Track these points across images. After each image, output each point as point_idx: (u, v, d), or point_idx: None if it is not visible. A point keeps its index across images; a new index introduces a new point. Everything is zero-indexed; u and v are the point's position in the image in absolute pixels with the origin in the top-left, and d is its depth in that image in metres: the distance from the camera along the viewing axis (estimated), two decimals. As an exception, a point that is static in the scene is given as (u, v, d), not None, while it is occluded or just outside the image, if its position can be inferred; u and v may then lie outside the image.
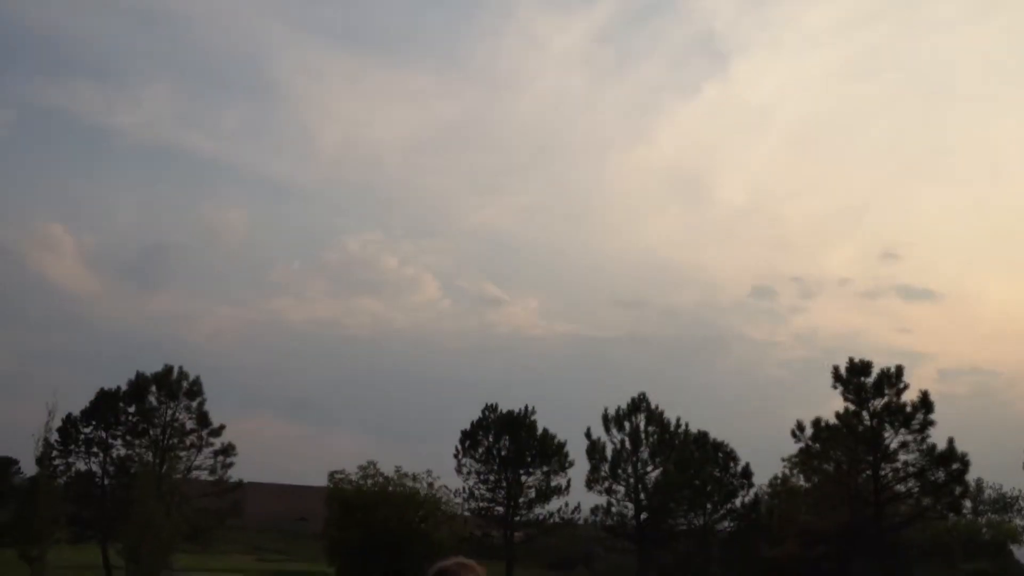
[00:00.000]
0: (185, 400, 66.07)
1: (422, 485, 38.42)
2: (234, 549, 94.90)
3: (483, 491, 53.98)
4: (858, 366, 47.86)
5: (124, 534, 51.01)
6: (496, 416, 55.21)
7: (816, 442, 49.05)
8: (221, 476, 66.32)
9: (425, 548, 35.81)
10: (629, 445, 50.10)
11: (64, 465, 65.78)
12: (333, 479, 38.80)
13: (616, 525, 50.55)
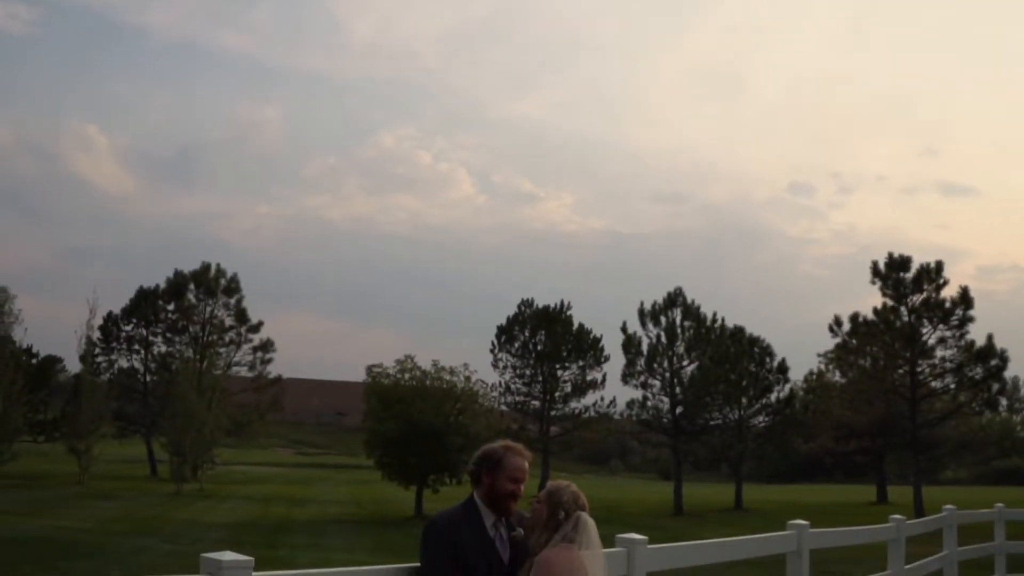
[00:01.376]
0: (223, 297, 66.74)
1: (459, 379, 38.59)
2: (274, 443, 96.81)
3: (519, 385, 54.34)
4: (897, 261, 47.29)
5: (167, 429, 52.02)
6: (532, 311, 55.27)
7: (853, 337, 48.79)
8: (260, 372, 67.30)
9: (462, 441, 36.12)
10: (665, 339, 49.97)
11: (107, 362, 66.90)
12: (371, 373, 39.01)
13: (651, 419, 50.74)
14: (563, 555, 4.52)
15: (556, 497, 4.68)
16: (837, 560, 19.16)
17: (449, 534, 4.70)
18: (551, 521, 4.64)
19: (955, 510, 13.52)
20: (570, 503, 4.65)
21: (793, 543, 8.68)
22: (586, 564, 4.56)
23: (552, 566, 4.48)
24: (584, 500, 4.72)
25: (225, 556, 3.97)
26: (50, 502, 36.60)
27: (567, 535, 4.58)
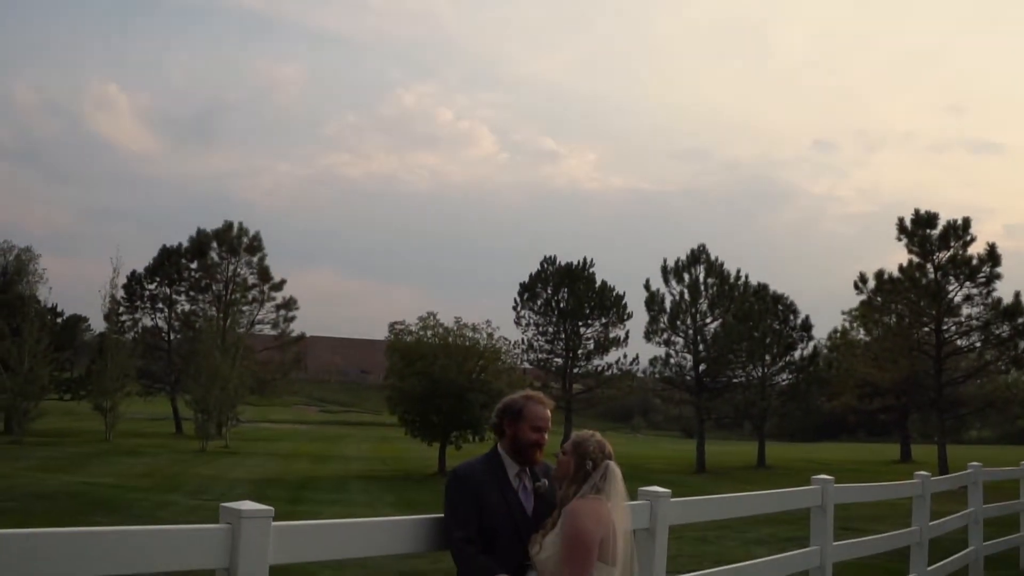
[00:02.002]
0: (246, 255, 66.86)
1: (482, 336, 38.60)
2: (297, 401, 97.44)
3: (542, 343, 54.34)
4: (923, 218, 46.77)
5: (191, 386, 52.38)
6: (554, 268, 55.15)
7: (878, 295, 48.43)
8: (283, 330, 67.54)
9: (484, 398, 36.14)
10: (688, 297, 49.79)
11: (131, 321, 67.28)
12: (393, 330, 39.05)
13: (674, 376, 50.70)
14: (592, 506, 4.46)
15: (583, 448, 4.61)
16: (860, 518, 19.08)
17: (472, 483, 4.67)
18: (579, 472, 4.57)
19: (980, 467, 13.39)
20: (597, 452, 4.58)
21: (817, 498, 8.60)
22: (613, 515, 4.50)
23: (580, 517, 4.41)
24: (610, 449, 4.65)
25: (244, 506, 3.93)
26: (77, 459, 36.97)
27: (596, 485, 4.52)
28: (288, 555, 4.14)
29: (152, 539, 3.75)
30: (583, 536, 4.36)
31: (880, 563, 13.55)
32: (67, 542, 3.50)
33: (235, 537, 3.87)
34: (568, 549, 4.37)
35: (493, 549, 4.59)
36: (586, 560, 4.35)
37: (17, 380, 48.84)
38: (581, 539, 4.35)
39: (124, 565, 3.69)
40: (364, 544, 4.58)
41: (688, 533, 17.14)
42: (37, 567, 3.39)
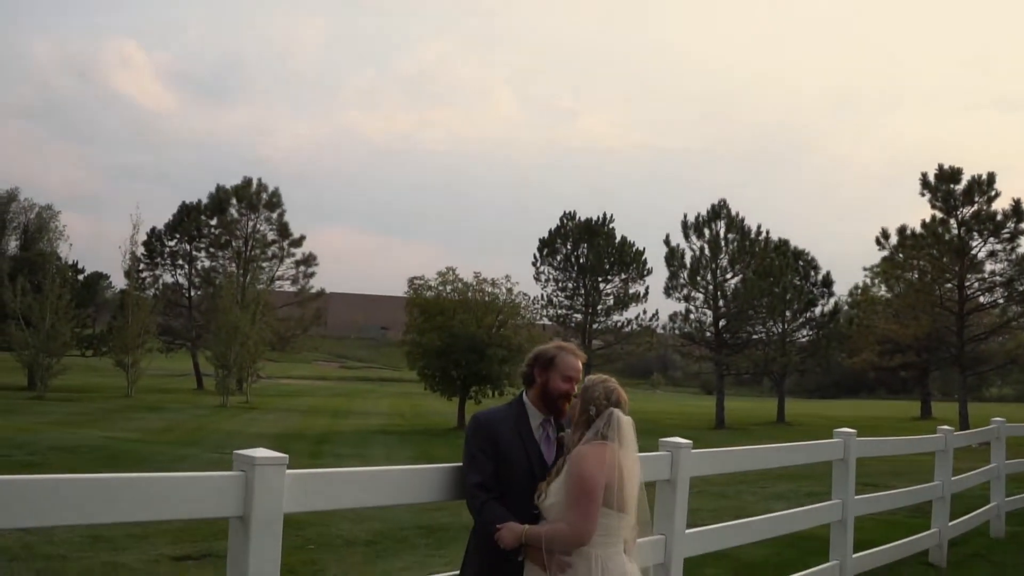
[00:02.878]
0: (265, 212, 66.94)
1: (501, 291, 38.52)
2: (317, 357, 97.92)
3: (561, 299, 54.25)
4: (947, 173, 46.31)
5: (212, 342, 52.60)
6: (574, 224, 54.93)
7: (900, 251, 48.09)
8: (303, 286, 67.70)
9: (504, 353, 36.16)
10: (708, 252, 49.48)
11: (151, 278, 67.60)
12: (412, 285, 38.99)
13: (694, 332, 50.52)
14: (596, 451, 4.36)
15: (587, 393, 4.51)
16: (880, 473, 19.02)
17: (492, 429, 4.61)
18: (582, 418, 4.48)
19: (1004, 423, 13.27)
20: (601, 399, 4.47)
21: (839, 451, 8.52)
22: (622, 462, 4.39)
23: (583, 461, 4.32)
24: (620, 396, 4.52)
25: (258, 453, 3.87)
26: (99, 414, 37.25)
27: (600, 431, 4.41)
28: (303, 503, 4.08)
29: (166, 486, 3.70)
30: (586, 480, 4.26)
31: (901, 519, 13.48)
32: (83, 488, 3.46)
33: (249, 485, 3.81)
34: (571, 494, 4.28)
35: (509, 497, 4.53)
36: (589, 504, 4.26)
37: (39, 336, 49.16)
38: (584, 484, 4.26)
39: (138, 512, 3.65)
40: (381, 493, 4.52)
41: (707, 488, 17.10)
42: (55, 512, 3.36)
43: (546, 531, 4.32)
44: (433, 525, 12.37)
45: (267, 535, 3.85)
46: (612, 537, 4.37)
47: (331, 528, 11.84)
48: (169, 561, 9.66)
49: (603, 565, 4.31)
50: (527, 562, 4.43)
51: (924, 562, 10.78)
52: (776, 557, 10.58)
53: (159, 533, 11.12)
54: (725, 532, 7.18)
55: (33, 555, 9.65)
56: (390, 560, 9.93)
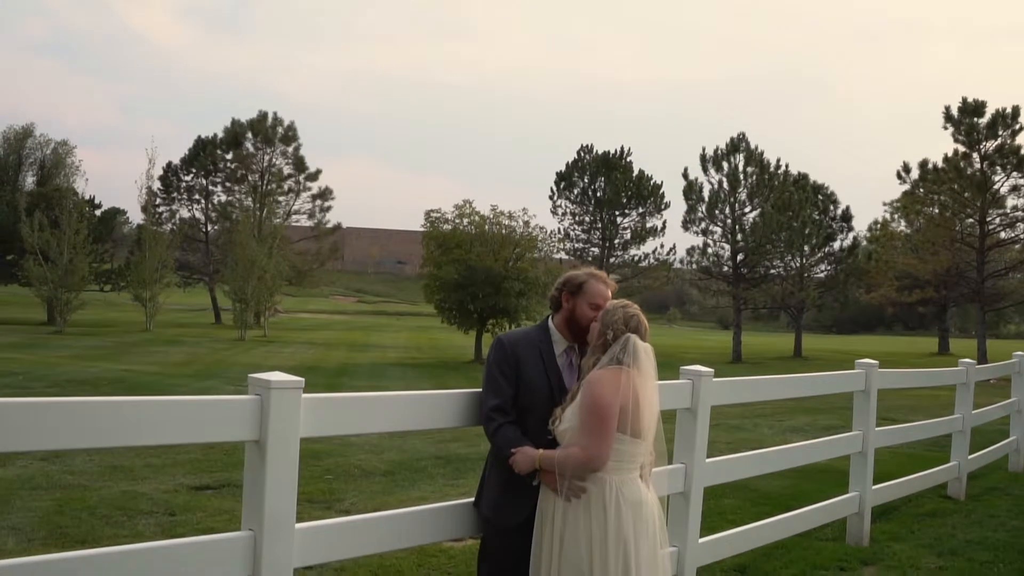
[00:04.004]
0: (281, 146, 66.74)
1: (518, 224, 38.36)
2: (335, 292, 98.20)
3: (578, 232, 54.12)
4: (971, 106, 45.60)
5: (229, 277, 52.75)
6: (591, 157, 54.58)
7: (921, 185, 47.59)
8: (319, 220, 67.69)
9: (521, 286, 36.11)
10: (727, 186, 49.12)
11: (168, 213, 67.75)
12: (429, 218, 38.84)
13: (711, 266, 50.37)
14: (610, 376, 4.27)
15: (606, 318, 4.42)
16: (899, 409, 19.03)
17: (514, 352, 4.54)
18: (599, 341, 4.40)
19: (1025, 356, 13.17)
20: (619, 323, 4.37)
21: (861, 382, 8.44)
22: (638, 388, 4.30)
23: (597, 385, 4.24)
24: (639, 323, 4.42)
25: (274, 376, 3.80)
26: (117, 348, 37.49)
27: (616, 356, 4.32)
28: (319, 428, 4.02)
29: (181, 410, 3.64)
30: (600, 405, 4.19)
31: (920, 452, 13.46)
32: (99, 412, 3.41)
33: (265, 408, 3.75)
34: (585, 418, 4.21)
35: (528, 422, 4.48)
36: (603, 428, 4.18)
37: (57, 271, 49.39)
38: (598, 408, 4.18)
39: (154, 436, 3.60)
40: (397, 418, 4.46)
41: (724, 421, 17.11)
42: (70, 436, 3.33)
43: (560, 455, 4.26)
44: (450, 456, 12.41)
45: (283, 459, 3.80)
46: (627, 463, 4.31)
47: (349, 459, 11.90)
48: (188, 491, 9.72)
49: (618, 491, 4.25)
50: (542, 487, 4.39)
51: (943, 495, 10.77)
52: (794, 489, 10.58)
53: (177, 464, 11.19)
54: (745, 462, 7.13)
55: (53, 484, 9.73)
56: (407, 490, 9.96)
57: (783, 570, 7.50)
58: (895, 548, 8.34)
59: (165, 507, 8.86)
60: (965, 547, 8.41)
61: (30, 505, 8.72)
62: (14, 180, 73.65)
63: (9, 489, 9.38)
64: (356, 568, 7.00)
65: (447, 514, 4.69)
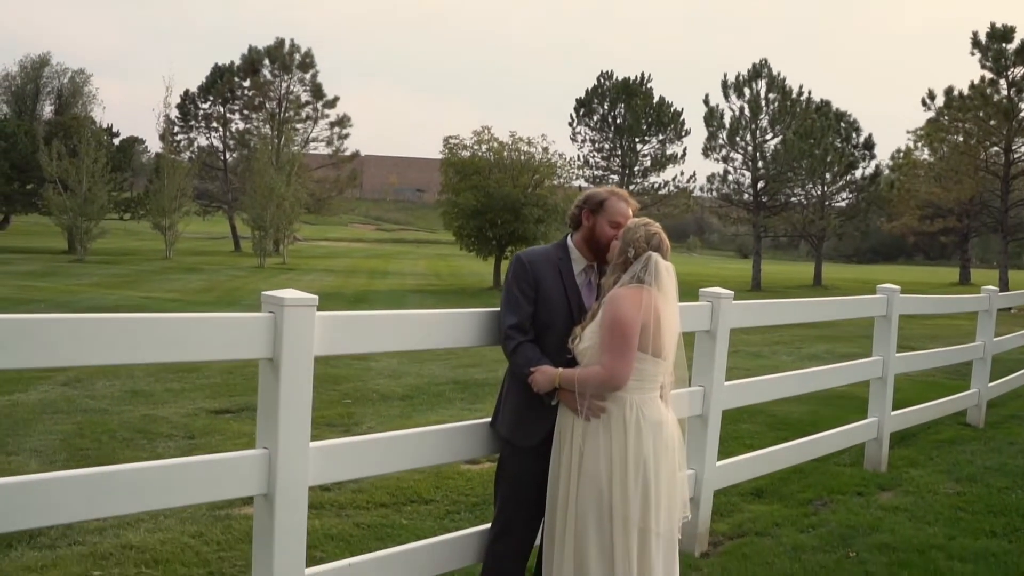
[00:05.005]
0: (298, 72, 66.34)
1: (536, 150, 38.04)
2: (354, 220, 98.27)
3: (597, 159, 53.79)
4: (999, 31, 44.64)
5: (248, 204, 52.77)
6: (611, 83, 54.00)
7: (946, 112, 46.86)
8: (337, 148, 67.50)
9: (540, 212, 35.97)
10: (748, 112, 48.60)
11: (186, 141, 67.65)
12: (448, 144, 38.57)
13: (732, 193, 50.03)
14: (631, 294, 4.20)
15: (627, 235, 4.34)
16: (918, 338, 18.93)
17: (533, 269, 4.47)
18: (620, 259, 4.32)
19: (1049, 282, 13.04)
20: (641, 241, 4.29)
21: (882, 307, 8.35)
22: (659, 307, 4.23)
23: (618, 303, 4.17)
24: (661, 241, 4.35)
25: (287, 294, 3.76)
26: (137, 276, 37.67)
27: (637, 275, 4.25)
28: (333, 346, 3.98)
29: (194, 327, 3.60)
30: (621, 322, 4.12)
31: (939, 380, 13.42)
32: (112, 328, 3.38)
33: (278, 326, 3.71)
34: (606, 336, 4.15)
35: (546, 341, 4.43)
36: (624, 347, 4.13)
37: (76, 200, 49.48)
38: (619, 326, 4.12)
39: (167, 353, 3.58)
40: (411, 336, 4.40)
41: (742, 348, 17.09)
42: (88, 352, 3.31)
43: (580, 374, 4.21)
44: (468, 381, 12.44)
45: (297, 377, 3.77)
46: (648, 383, 4.26)
47: (367, 384, 11.94)
48: (207, 414, 9.77)
49: (639, 410, 4.21)
50: (560, 406, 4.35)
51: (962, 422, 10.76)
52: (812, 415, 10.57)
53: (197, 388, 11.26)
54: (764, 385, 7.09)
55: (75, 409, 9.81)
56: (425, 414, 9.99)
57: (800, 494, 7.50)
58: (913, 474, 8.34)
59: (184, 430, 8.92)
60: (983, 473, 8.40)
61: (51, 429, 8.80)
62: (32, 109, 73.50)
63: (31, 413, 9.46)
64: (373, 490, 7.04)
65: (464, 434, 4.67)
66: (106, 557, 5.50)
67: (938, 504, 7.34)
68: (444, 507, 6.79)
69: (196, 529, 6.04)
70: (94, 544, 5.71)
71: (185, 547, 5.71)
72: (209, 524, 6.15)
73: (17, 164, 60.14)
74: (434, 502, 6.90)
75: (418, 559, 4.56)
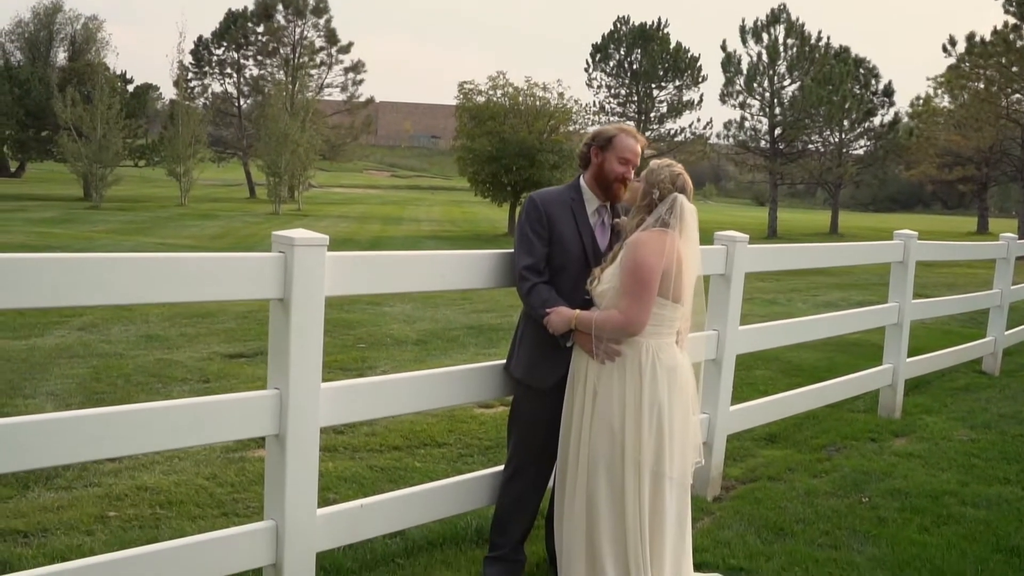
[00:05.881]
0: (312, 18, 65.95)
1: (552, 95, 37.68)
2: (369, 166, 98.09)
3: (613, 105, 53.33)
4: (1023, -24, 43.91)
5: (262, 151, 52.66)
6: (628, 28, 53.45)
7: (968, 58, 46.22)
8: (352, 94, 67.23)
9: (555, 158, 35.74)
10: (766, 58, 48.06)
11: (200, 87, 67.40)
12: (463, 90, 38.20)
13: (748, 140, 49.63)
14: (655, 238, 4.14)
15: (652, 176, 4.27)
16: (935, 286, 18.88)
17: (547, 210, 4.42)
18: (643, 201, 4.26)
19: (1069, 230, 12.92)
20: (666, 182, 4.23)
21: (899, 253, 8.28)
22: (683, 253, 4.18)
23: (641, 248, 4.11)
24: (685, 182, 4.29)
25: (298, 233, 3.73)
26: (152, 222, 37.72)
27: (662, 218, 4.19)
28: (344, 286, 3.95)
29: (204, 266, 3.59)
30: (643, 267, 4.07)
31: (956, 328, 13.39)
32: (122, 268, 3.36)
33: (288, 266, 3.69)
34: (626, 280, 4.10)
35: (561, 282, 4.39)
36: (644, 292, 4.08)
37: (91, 147, 49.43)
38: (640, 270, 4.07)
39: (177, 292, 3.54)
40: (423, 277, 4.37)
41: (758, 295, 17.06)
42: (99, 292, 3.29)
43: (598, 317, 4.17)
44: (483, 326, 12.45)
45: (308, 318, 3.75)
46: (665, 328, 4.22)
47: (382, 328, 11.96)
48: (222, 358, 9.81)
49: (654, 355, 4.18)
50: (575, 349, 4.32)
51: (977, 370, 10.74)
52: (827, 361, 10.56)
53: (212, 333, 11.30)
54: (779, 330, 7.05)
55: (91, 353, 9.87)
56: (439, 358, 10.00)
57: (814, 440, 7.51)
58: (927, 420, 8.32)
59: (199, 374, 8.96)
60: (998, 421, 8.38)
61: (68, 372, 8.85)
62: (46, 56, 73.29)
63: (48, 357, 9.52)
64: (387, 433, 7.07)
65: (477, 376, 4.65)
66: (121, 498, 5.55)
67: (952, 451, 7.34)
68: (457, 450, 6.82)
69: (210, 471, 6.09)
70: (109, 486, 5.76)
71: (199, 489, 5.75)
72: (223, 466, 6.19)
73: (32, 111, 60.13)
74: (447, 445, 6.93)
75: (431, 500, 4.57)
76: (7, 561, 4.50)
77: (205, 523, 5.13)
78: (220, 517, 5.28)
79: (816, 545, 5.25)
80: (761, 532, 5.42)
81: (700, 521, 5.53)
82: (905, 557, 5.10)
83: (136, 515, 5.29)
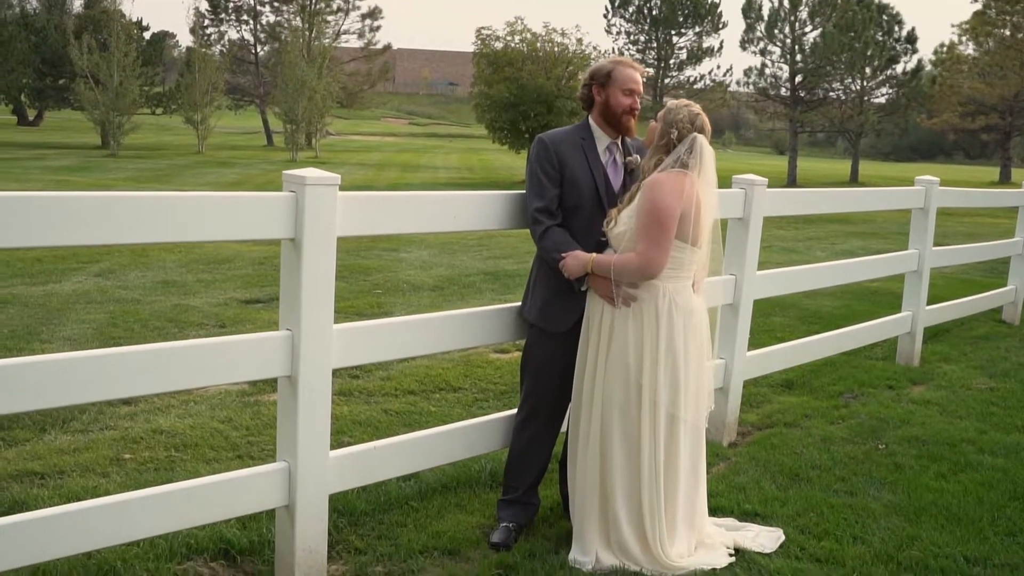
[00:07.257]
0: (328, -38, 65.27)
1: (570, 41, 37.31)
2: (386, 114, 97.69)
3: (632, 52, 52.71)
4: (1053, -82, 43.15)
5: (279, 98, 52.46)
6: (649, -27, 52.79)
7: (994, 4, 45.54)
8: (369, 40, 66.72)
9: (573, 105, 35.43)
10: (788, 4, 47.40)
11: (217, 34, 67.02)
12: (480, 35, 37.86)
13: (769, 88, 49.08)
14: (673, 179, 4.08)
15: (670, 115, 4.19)
16: (956, 235, 18.73)
17: (557, 150, 4.35)
18: (662, 141, 4.18)
19: (1094, 180, 12.73)
20: (685, 122, 4.15)
21: (920, 199, 8.19)
22: (700, 194, 4.12)
23: (659, 189, 4.05)
24: (703, 122, 4.21)
25: (308, 172, 3.68)
26: (170, 170, 37.69)
27: (681, 159, 4.12)
28: (356, 226, 3.91)
29: (214, 205, 3.54)
30: (660, 209, 4.01)
31: (976, 278, 13.29)
32: (135, 205, 3.33)
33: (300, 205, 3.65)
34: (644, 223, 4.04)
35: (574, 224, 4.33)
36: (661, 234, 4.02)
37: (108, 94, 49.28)
38: (658, 213, 4.01)
39: (187, 232, 3.51)
40: (436, 217, 4.31)
41: (776, 243, 16.98)
42: (109, 231, 3.26)
43: (615, 260, 4.11)
44: (499, 272, 12.43)
45: (319, 258, 3.71)
46: (683, 271, 4.17)
47: (398, 274, 11.94)
48: (238, 304, 9.83)
49: (671, 299, 4.13)
50: (591, 292, 4.27)
51: (997, 319, 10.67)
52: (845, 309, 10.50)
53: (228, 279, 11.31)
54: (797, 275, 6.98)
55: (107, 299, 9.89)
56: (456, 303, 9.99)
57: (831, 387, 7.47)
58: (945, 368, 8.28)
59: (215, 319, 8.98)
60: (1017, 370, 8.33)
61: (84, 318, 8.88)
62: (61, 3, 72.93)
63: (65, 303, 9.55)
64: (402, 377, 7.07)
65: (491, 318, 4.61)
66: (137, 441, 5.57)
67: (970, 399, 7.30)
68: (472, 395, 6.82)
69: (225, 415, 6.10)
70: (125, 429, 5.78)
71: (214, 432, 5.77)
72: (238, 410, 6.21)
73: (48, 59, 59.98)
74: (463, 390, 6.93)
75: (444, 443, 4.56)
76: (23, 501, 4.53)
77: (220, 465, 5.15)
78: (235, 460, 5.30)
79: (832, 491, 5.23)
80: (776, 478, 5.40)
81: (715, 466, 5.52)
82: (921, 504, 5.08)
83: (151, 457, 5.31)
